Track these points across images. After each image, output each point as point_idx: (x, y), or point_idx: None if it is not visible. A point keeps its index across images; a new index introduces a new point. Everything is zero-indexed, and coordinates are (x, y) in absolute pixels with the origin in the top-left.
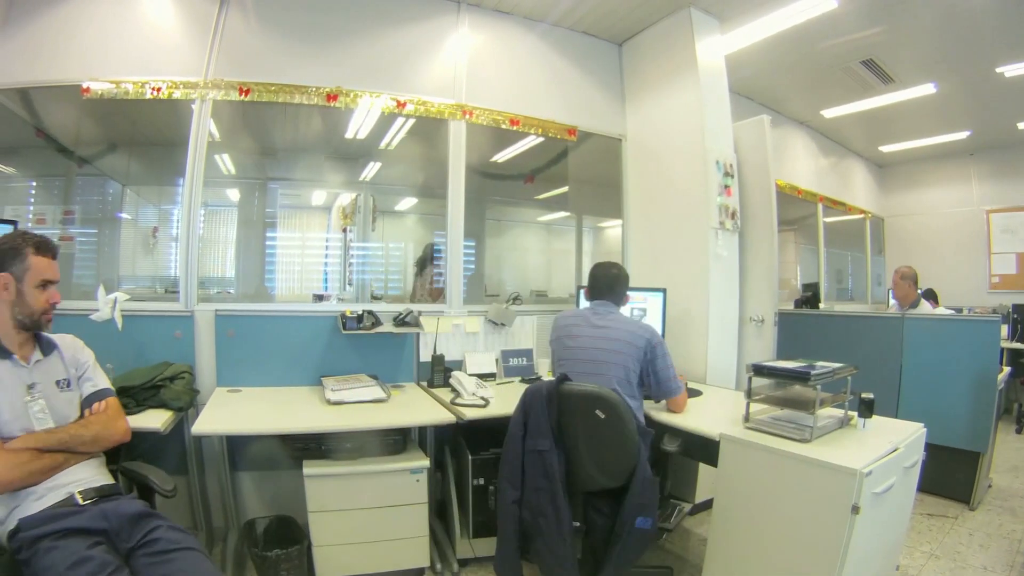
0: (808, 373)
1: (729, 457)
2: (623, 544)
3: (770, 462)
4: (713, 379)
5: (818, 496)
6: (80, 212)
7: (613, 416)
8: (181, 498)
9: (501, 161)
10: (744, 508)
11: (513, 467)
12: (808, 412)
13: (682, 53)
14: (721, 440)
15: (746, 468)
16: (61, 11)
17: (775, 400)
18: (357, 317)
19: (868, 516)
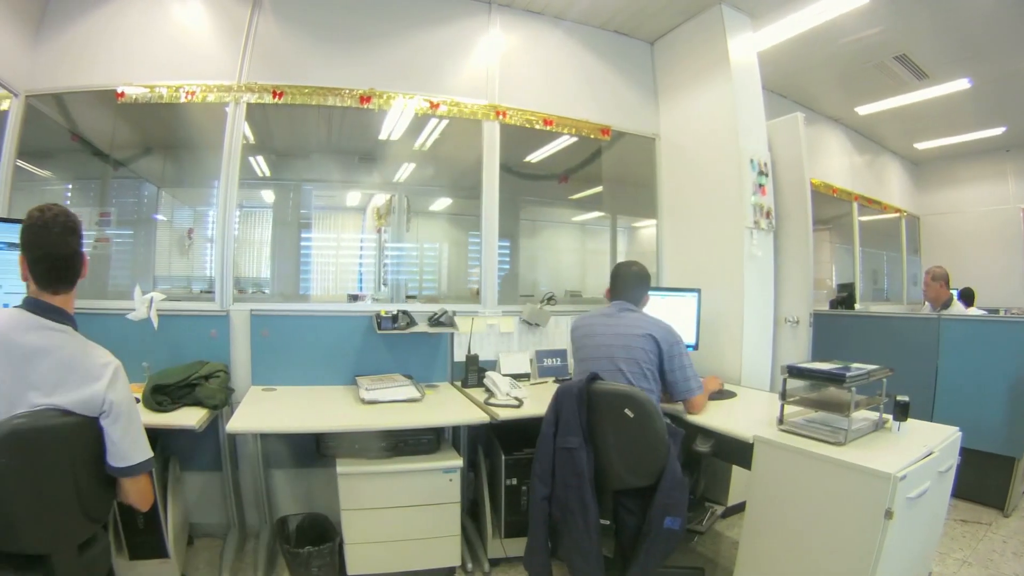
0: (843, 375)
1: (763, 460)
2: (650, 543)
3: (804, 465)
4: (748, 380)
5: (851, 500)
6: (116, 214)
7: (642, 415)
8: (215, 495)
9: (535, 161)
10: (777, 512)
11: (544, 464)
12: (843, 415)
13: (714, 51)
14: (755, 442)
15: (780, 471)
16: (94, 18)
17: (810, 402)
18: (392, 317)
19: (901, 521)
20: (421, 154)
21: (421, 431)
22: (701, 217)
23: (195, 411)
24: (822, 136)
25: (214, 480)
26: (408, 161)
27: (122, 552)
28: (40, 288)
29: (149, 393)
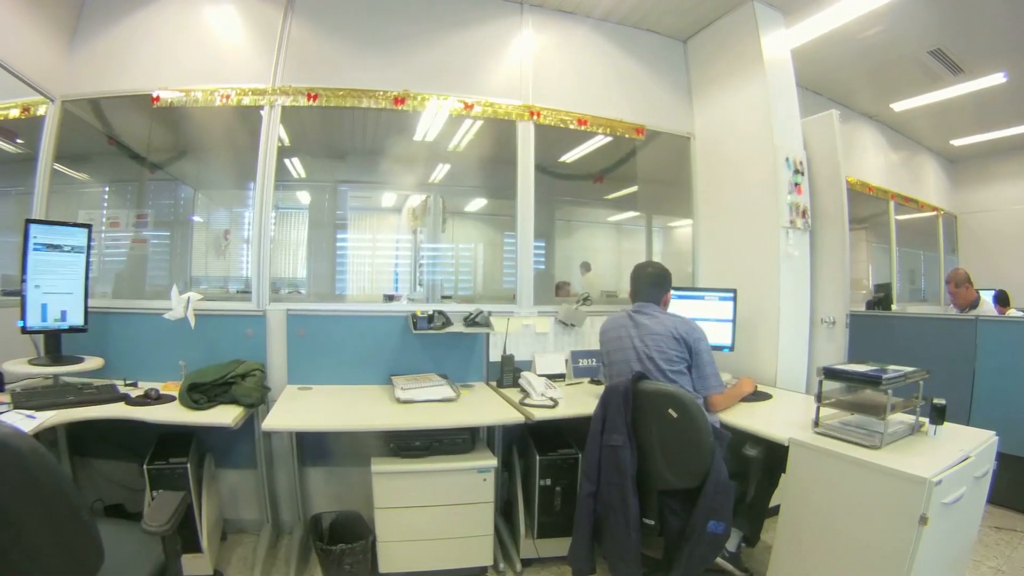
0: (879, 377)
1: (798, 462)
2: (693, 547)
3: (839, 469)
4: (783, 382)
5: (886, 505)
6: (153, 215)
7: (685, 416)
8: (249, 492)
9: (570, 161)
10: (812, 516)
11: (591, 461)
12: (879, 418)
13: (747, 48)
14: (790, 445)
15: (815, 474)
16: (127, 24)
17: (846, 405)
18: (428, 317)
19: (936, 527)
20: (456, 155)
21: (456, 431)
22: (737, 217)
23: (231, 409)
24: (857, 133)
25: (249, 477)
26: (443, 162)
27: None
28: None
29: (185, 391)
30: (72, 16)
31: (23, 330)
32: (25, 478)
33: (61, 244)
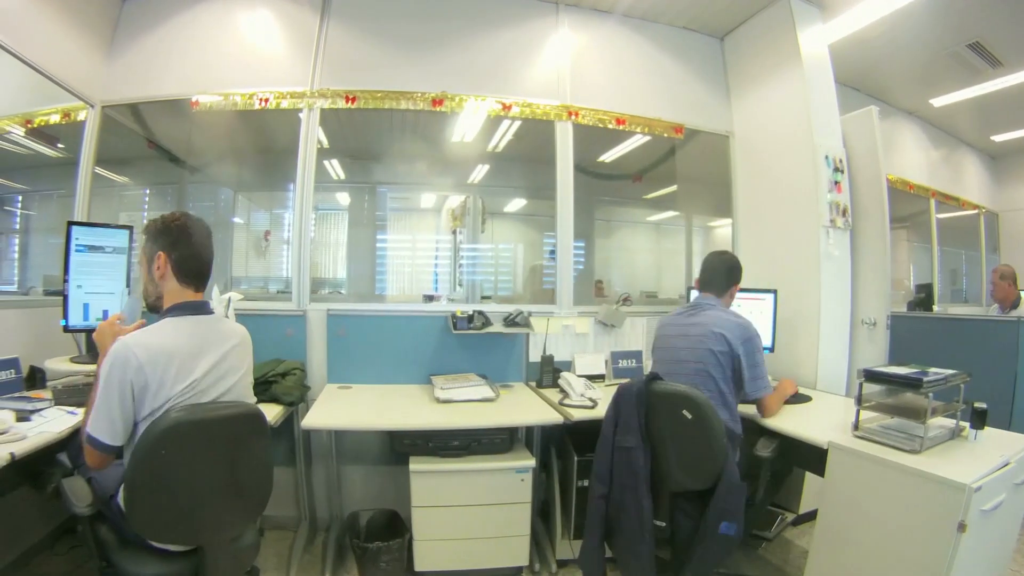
0: (920, 380)
1: (837, 466)
2: (705, 548)
3: (877, 473)
4: (824, 384)
5: (924, 511)
6: None
7: (699, 417)
8: (287, 489)
9: (608, 161)
10: (849, 521)
11: (603, 463)
12: (919, 421)
13: (784, 44)
14: (829, 448)
15: (854, 479)
16: (165, 30)
17: (886, 408)
18: (468, 317)
19: (974, 535)
20: (494, 155)
21: (495, 431)
22: (776, 216)
23: (271, 407)
24: (897, 130)
25: (287, 475)
26: (482, 162)
27: None
28: (184, 286)
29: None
30: (110, 24)
31: (65, 329)
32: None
33: (103, 245)
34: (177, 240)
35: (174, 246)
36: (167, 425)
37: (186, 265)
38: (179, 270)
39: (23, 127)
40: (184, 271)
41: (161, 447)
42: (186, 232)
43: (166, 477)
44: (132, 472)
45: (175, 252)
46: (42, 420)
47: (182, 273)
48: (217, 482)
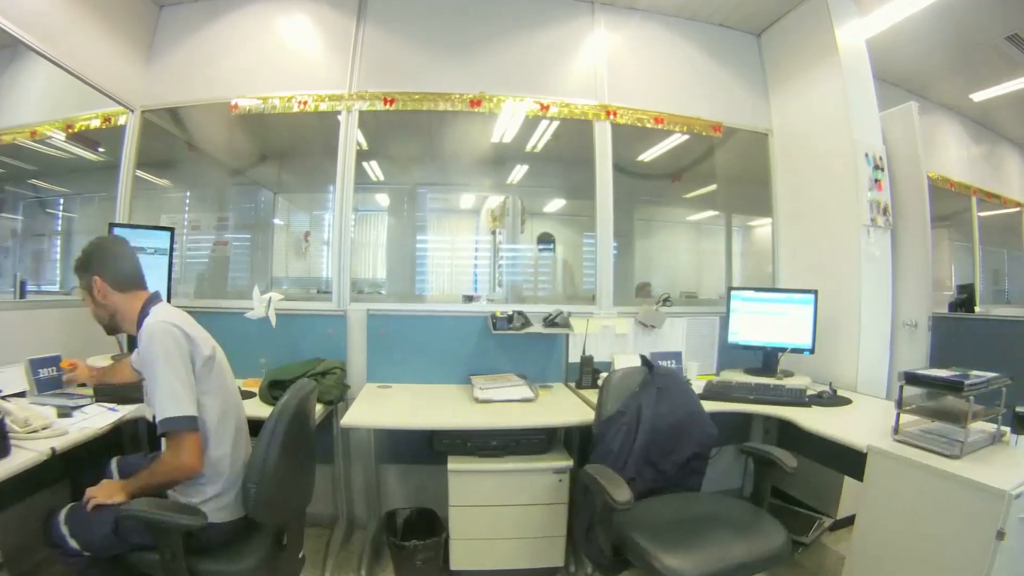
0: (961, 383)
1: (876, 471)
2: None
3: (916, 478)
4: (864, 387)
5: (962, 518)
6: (234, 218)
7: None
8: (325, 487)
9: (647, 160)
10: (888, 527)
11: None
12: (959, 426)
13: (821, 40)
14: (869, 452)
15: (893, 484)
16: (203, 35)
17: (926, 411)
18: (507, 317)
19: (1013, 543)
20: (533, 155)
21: (533, 431)
22: (816, 215)
23: None
24: (937, 126)
25: (325, 472)
26: (521, 163)
27: None
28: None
29: (266, 387)
30: (148, 31)
31: None
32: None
33: (144, 246)
34: (101, 261)
35: (102, 267)
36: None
37: (120, 275)
38: (116, 283)
39: (64, 132)
40: (120, 281)
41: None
42: (103, 251)
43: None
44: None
45: (106, 271)
46: (83, 416)
47: (120, 284)
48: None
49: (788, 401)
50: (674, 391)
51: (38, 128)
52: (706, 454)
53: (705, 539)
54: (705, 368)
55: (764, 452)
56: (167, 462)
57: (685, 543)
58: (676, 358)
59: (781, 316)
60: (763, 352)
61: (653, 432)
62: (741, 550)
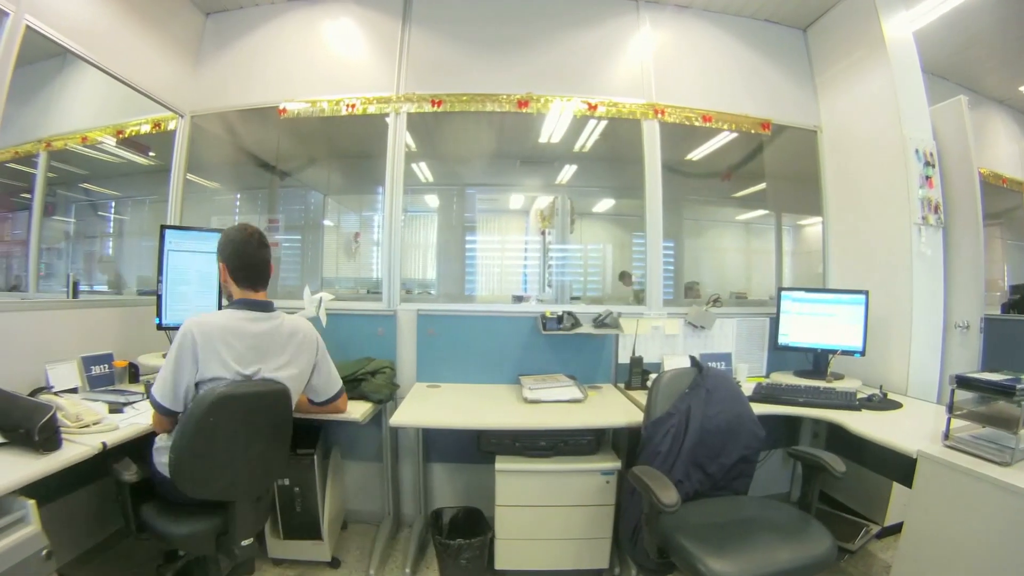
0: (1013, 387)
1: (925, 477)
2: None
3: (966, 485)
4: (914, 390)
5: (1011, 527)
6: (284, 220)
7: None
8: (374, 484)
9: (696, 159)
10: (937, 536)
11: None
12: (1011, 431)
13: (868, 33)
14: (919, 458)
15: (942, 491)
16: (250, 41)
17: (978, 416)
18: (557, 318)
19: None
20: (582, 155)
21: (582, 432)
22: (866, 213)
23: (360, 404)
24: (987, 120)
25: (373, 470)
26: (569, 163)
27: (276, 531)
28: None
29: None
30: (195, 37)
31: (159, 327)
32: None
33: (195, 248)
34: (230, 253)
35: (229, 259)
36: (215, 397)
37: (239, 273)
38: (234, 277)
39: (115, 137)
40: (238, 278)
41: (210, 415)
42: (235, 246)
43: (211, 441)
44: (181, 438)
45: (230, 263)
46: (134, 412)
47: (238, 279)
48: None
49: (838, 404)
50: (723, 393)
51: (89, 134)
52: (754, 457)
53: (750, 544)
54: (755, 370)
55: (813, 456)
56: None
57: (730, 547)
58: (726, 359)
59: (831, 317)
60: (813, 354)
61: (702, 434)
62: (786, 556)
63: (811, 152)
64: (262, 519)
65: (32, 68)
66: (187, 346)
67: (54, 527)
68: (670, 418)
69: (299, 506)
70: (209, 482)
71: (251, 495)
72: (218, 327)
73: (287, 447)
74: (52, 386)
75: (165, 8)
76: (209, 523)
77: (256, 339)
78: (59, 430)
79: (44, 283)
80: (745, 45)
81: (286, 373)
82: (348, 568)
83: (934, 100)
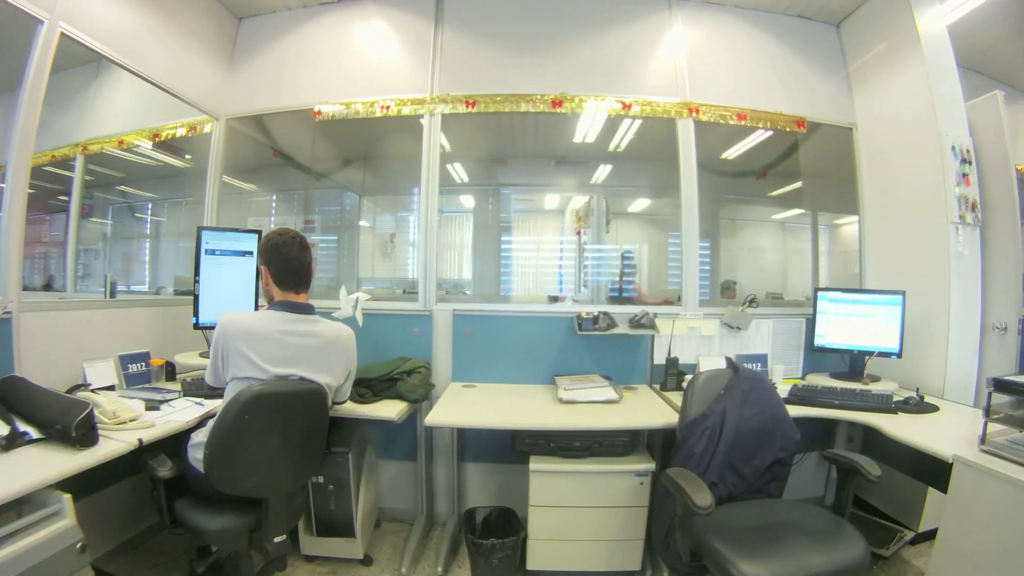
0: None
1: (961, 483)
2: None
3: (1003, 492)
4: (951, 393)
5: None
6: (320, 221)
7: None
8: (408, 483)
9: (731, 158)
10: (971, 543)
11: None
12: None
13: (901, 27)
14: (954, 463)
15: (978, 497)
16: (283, 45)
17: (1014, 420)
18: (593, 318)
19: None
20: (616, 155)
21: (616, 433)
22: (903, 212)
23: (395, 404)
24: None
25: (407, 469)
26: (604, 162)
27: (309, 528)
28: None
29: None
30: (228, 42)
31: (195, 326)
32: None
33: (231, 248)
34: (272, 257)
35: (271, 262)
36: (250, 395)
37: (280, 276)
38: (276, 280)
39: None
40: (279, 281)
41: (244, 413)
42: (277, 249)
43: (245, 438)
44: (216, 434)
45: (272, 266)
46: (170, 410)
47: (279, 282)
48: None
49: (874, 407)
50: (759, 394)
51: (125, 137)
52: (789, 460)
53: (783, 547)
54: (791, 371)
55: (848, 459)
56: None
57: (762, 551)
58: (761, 361)
59: (868, 318)
60: (850, 356)
61: (737, 436)
62: (819, 560)
63: (847, 150)
64: (295, 516)
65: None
66: (218, 339)
67: (89, 521)
68: (705, 420)
69: (333, 504)
70: (242, 479)
71: (284, 492)
72: (243, 327)
73: (322, 446)
74: (89, 383)
75: (197, 13)
76: (242, 519)
77: (293, 341)
78: (96, 426)
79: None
80: (778, 42)
81: (322, 379)
82: (380, 566)
83: (970, 95)
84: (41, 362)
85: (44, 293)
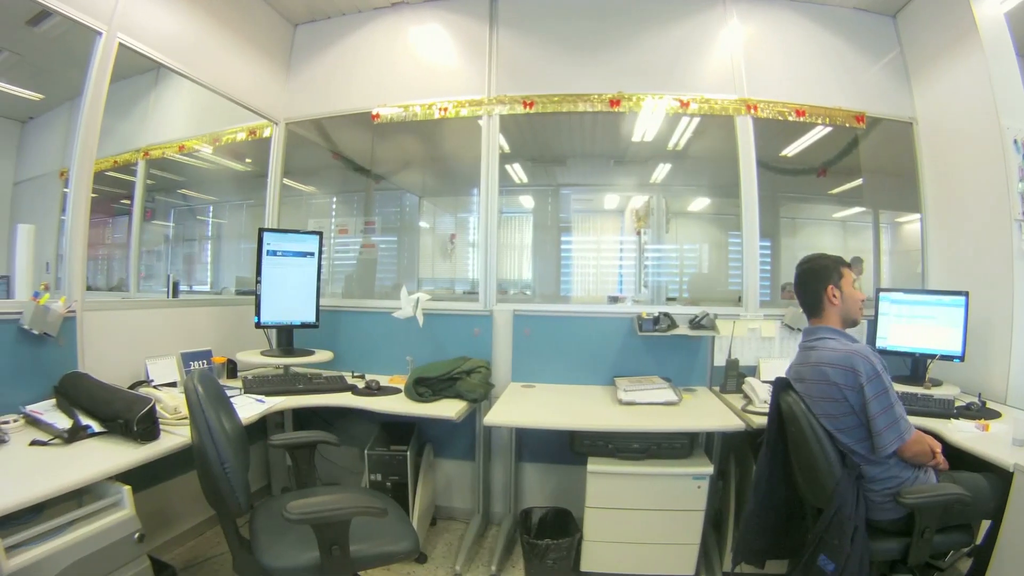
0: None
1: (1022, 493)
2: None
3: None
4: (1014, 399)
5: None
6: (380, 222)
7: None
8: (465, 482)
9: (791, 155)
10: None
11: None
12: None
13: (958, 16)
14: (1015, 472)
15: None
16: (339, 49)
17: None
18: (653, 319)
19: None
20: (675, 154)
21: (675, 435)
22: (965, 209)
23: (454, 403)
24: None
25: (465, 468)
26: (663, 161)
27: None
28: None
29: (412, 384)
30: (285, 47)
31: (257, 325)
32: None
33: (293, 249)
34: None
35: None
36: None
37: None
38: None
39: (212, 145)
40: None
41: None
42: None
43: None
44: None
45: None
46: None
47: None
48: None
49: (936, 412)
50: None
51: (186, 143)
52: None
53: None
54: None
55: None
56: None
57: None
58: None
59: (930, 320)
60: (912, 359)
61: None
62: None
63: (907, 145)
64: None
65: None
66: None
67: (147, 512)
68: None
69: None
70: None
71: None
72: None
73: None
74: (152, 380)
75: (253, 21)
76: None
77: None
78: (157, 421)
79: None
80: (834, 35)
81: None
82: (435, 563)
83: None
84: (104, 359)
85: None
